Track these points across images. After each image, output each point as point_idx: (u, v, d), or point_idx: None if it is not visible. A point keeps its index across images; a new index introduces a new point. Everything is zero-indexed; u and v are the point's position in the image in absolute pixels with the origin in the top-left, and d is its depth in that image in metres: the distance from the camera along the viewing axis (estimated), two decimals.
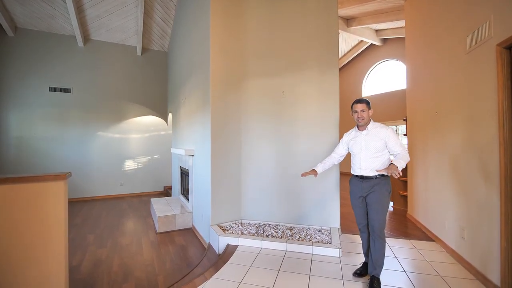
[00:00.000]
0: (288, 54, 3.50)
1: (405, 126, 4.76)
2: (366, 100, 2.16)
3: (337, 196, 3.32)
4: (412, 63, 3.99)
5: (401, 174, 1.89)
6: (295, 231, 3.17)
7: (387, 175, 2.08)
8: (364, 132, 2.18)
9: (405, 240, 3.08)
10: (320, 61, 3.39)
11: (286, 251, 2.75)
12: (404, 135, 4.64)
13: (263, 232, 3.14)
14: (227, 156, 3.50)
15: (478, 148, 2.24)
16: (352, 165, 2.28)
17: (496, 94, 1.95)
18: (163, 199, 5.26)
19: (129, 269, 2.91)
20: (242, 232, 3.12)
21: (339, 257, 2.59)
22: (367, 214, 2.18)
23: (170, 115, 7.10)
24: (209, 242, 3.33)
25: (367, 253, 2.26)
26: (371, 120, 2.19)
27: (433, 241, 3.03)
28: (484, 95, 2.14)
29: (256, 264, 2.48)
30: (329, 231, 3.14)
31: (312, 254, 2.66)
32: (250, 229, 3.22)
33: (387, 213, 2.10)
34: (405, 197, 4.41)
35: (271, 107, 3.56)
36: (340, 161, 2.49)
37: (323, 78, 3.37)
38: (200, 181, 3.90)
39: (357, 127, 2.24)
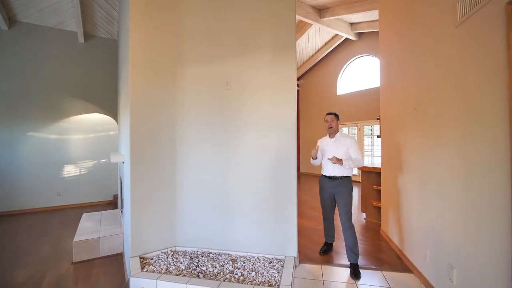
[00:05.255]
0: (233, 32, 2.76)
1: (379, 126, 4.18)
2: (335, 113, 2.69)
3: (294, 217, 2.62)
4: (386, 54, 3.39)
5: (335, 163, 2.47)
6: (239, 263, 2.43)
7: (348, 176, 2.61)
8: (333, 139, 2.67)
9: (376, 272, 2.43)
10: (273, 40, 2.68)
11: None
12: (378, 136, 4.06)
13: (197, 266, 2.38)
14: (156, 164, 2.70)
15: (473, 155, 1.61)
16: (323, 166, 2.75)
17: (507, 77, 1.31)
18: (97, 214, 4.34)
19: None
20: (167, 268, 2.33)
21: None
22: (333, 208, 2.78)
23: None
24: (128, 278, 2.52)
25: (329, 233, 2.91)
26: (340, 130, 2.70)
27: (411, 272, 2.41)
28: (485, 81, 1.51)
29: None
30: (282, 263, 2.44)
31: None
32: (182, 262, 2.45)
33: (352, 206, 2.60)
34: (379, 208, 3.82)
35: (214, 101, 2.80)
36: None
37: (277, 62, 2.66)
38: (126, 195, 3.07)
39: (329, 134, 2.72)
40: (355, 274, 2.38)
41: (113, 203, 6.20)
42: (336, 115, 2.66)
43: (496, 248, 1.42)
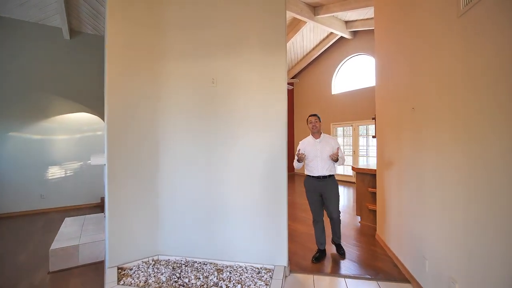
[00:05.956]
0: (220, 27, 2.58)
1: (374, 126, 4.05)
2: (317, 114, 2.79)
3: (284, 223, 2.46)
4: (382, 52, 3.25)
5: (334, 159, 2.62)
6: (225, 274, 2.26)
7: (333, 174, 2.77)
8: (318, 140, 2.76)
9: (372, 282, 2.28)
10: (264, 39, 2.50)
11: None
12: (373, 137, 3.92)
13: (178, 278, 2.20)
14: (137, 167, 2.53)
15: (477, 157, 1.47)
16: (309, 168, 2.78)
17: None
18: (81, 219, 4.13)
19: None
20: (146, 280, 2.15)
21: None
22: (322, 208, 2.83)
23: None
24: None
25: (321, 240, 2.84)
26: (321, 131, 2.80)
27: (409, 282, 2.26)
28: (489, 78, 1.36)
29: None
30: (271, 273, 2.27)
31: None
32: (163, 273, 2.27)
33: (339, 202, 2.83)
34: (375, 211, 3.68)
35: (200, 101, 2.62)
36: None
37: (267, 60, 2.49)
38: (106, 199, 2.87)
39: (312, 134, 2.80)
40: (341, 252, 2.85)
41: (101, 206, 5.97)
42: (319, 117, 2.79)
43: (505, 262, 1.27)
